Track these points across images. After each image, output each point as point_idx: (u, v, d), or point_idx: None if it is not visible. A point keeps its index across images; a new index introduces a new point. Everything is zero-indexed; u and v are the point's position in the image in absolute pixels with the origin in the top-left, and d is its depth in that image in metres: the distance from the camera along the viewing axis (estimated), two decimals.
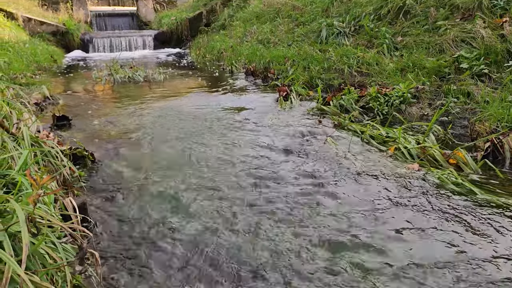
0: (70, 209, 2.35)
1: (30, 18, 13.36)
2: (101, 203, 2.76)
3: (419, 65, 5.27)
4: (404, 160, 3.35)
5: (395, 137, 3.70)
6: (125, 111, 5.24)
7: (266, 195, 2.77)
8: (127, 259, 2.10)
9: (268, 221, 2.43)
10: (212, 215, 2.51)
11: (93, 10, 18.07)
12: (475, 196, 2.65)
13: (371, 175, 3.04)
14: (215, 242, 2.21)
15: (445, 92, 4.55)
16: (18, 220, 1.38)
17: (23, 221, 1.37)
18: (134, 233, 2.34)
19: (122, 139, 4.07)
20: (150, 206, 2.66)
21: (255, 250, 2.14)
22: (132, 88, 7.25)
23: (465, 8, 5.73)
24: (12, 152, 2.47)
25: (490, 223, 2.32)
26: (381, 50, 6.19)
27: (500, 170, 3.04)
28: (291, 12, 10.10)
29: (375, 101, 4.68)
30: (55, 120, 4.51)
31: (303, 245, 2.17)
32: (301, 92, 5.77)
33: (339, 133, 4.04)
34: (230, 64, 9.08)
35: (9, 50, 8.97)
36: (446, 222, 2.35)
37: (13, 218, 1.61)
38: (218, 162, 3.38)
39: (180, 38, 15.07)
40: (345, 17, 7.74)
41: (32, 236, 1.49)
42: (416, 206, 2.56)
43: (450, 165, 3.20)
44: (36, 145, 2.95)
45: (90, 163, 3.42)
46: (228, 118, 4.74)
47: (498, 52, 4.71)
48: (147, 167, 3.34)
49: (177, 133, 4.20)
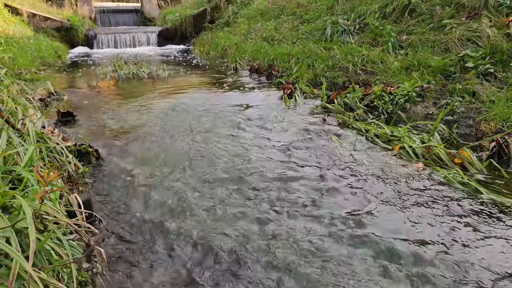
0: (75, 205, 2.35)
1: (34, 14, 13.37)
2: (105, 199, 2.76)
3: (424, 63, 5.24)
4: (409, 159, 3.34)
5: (399, 136, 3.69)
6: (129, 108, 5.24)
7: (269, 196, 2.77)
8: (132, 255, 2.10)
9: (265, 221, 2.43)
10: (215, 212, 2.52)
11: (97, 6, 18.06)
12: (481, 195, 2.64)
13: (375, 174, 3.04)
14: (219, 236, 2.22)
15: (450, 91, 4.53)
16: (25, 216, 1.39)
17: (30, 218, 1.37)
18: (139, 230, 2.35)
19: (126, 135, 4.07)
20: (154, 203, 2.66)
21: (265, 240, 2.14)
22: (136, 84, 7.25)
23: (471, 7, 5.69)
24: (18, 148, 2.48)
25: (497, 223, 2.32)
26: (386, 49, 6.16)
27: (505, 170, 3.03)
28: (295, 9, 10.07)
29: (380, 100, 4.66)
30: (59, 116, 4.52)
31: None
32: (305, 90, 5.76)
33: (344, 131, 4.03)
34: (234, 61, 9.07)
35: (14, 46, 8.98)
36: (454, 223, 2.34)
37: (19, 214, 1.61)
38: (221, 161, 3.38)
39: (184, 35, 15.06)
40: (350, 15, 7.71)
41: (38, 233, 1.49)
42: (422, 205, 2.55)
43: (455, 164, 3.19)
44: (41, 141, 2.96)
45: (95, 160, 3.43)
46: (233, 115, 4.73)
47: (504, 52, 4.68)
48: (151, 164, 3.34)
49: (181, 130, 4.19)
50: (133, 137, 4.01)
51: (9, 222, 1.49)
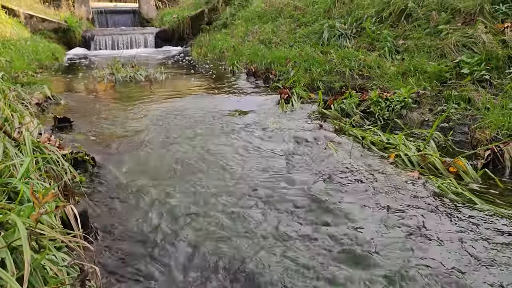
0: (71, 217, 2.35)
1: (31, 15, 13.35)
2: (101, 209, 2.77)
3: (420, 69, 5.27)
4: (405, 167, 3.36)
5: (395, 143, 3.71)
6: (126, 113, 5.25)
7: (264, 203, 2.78)
8: (127, 269, 2.11)
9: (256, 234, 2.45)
10: (210, 221, 2.53)
11: (94, 6, 18.06)
12: (475, 206, 2.66)
13: (371, 182, 3.05)
14: (213, 250, 2.23)
15: (446, 98, 4.56)
16: (20, 236, 1.40)
17: (25, 238, 1.38)
18: (135, 241, 2.36)
19: (123, 142, 4.08)
20: (151, 213, 2.67)
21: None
22: (134, 88, 7.25)
23: (467, 12, 5.72)
24: (14, 159, 2.49)
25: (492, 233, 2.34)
26: (383, 53, 6.18)
27: (500, 180, 3.05)
28: (293, 12, 10.09)
29: (376, 106, 4.68)
30: (56, 122, 4.53)
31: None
32: (302, 95, 5.78)
33: (340, 138, 4.05)
34: (231, 64, 9.08)
35: (11, 48, 8.97)
36: (441, 234, 2.36)
37: (14, 231, 1.62)
38: (220, 170, 3.39)
39: (182, 36, 15.07)
40: (347, 19, 7.72)
41: (34, 252, 1.50)
42: (415, 215, 2.57)
43: (450, 173, 3.21)
44: (38, 150, 2.96)
45: (91, 168, 3.43)
46: (230, 121, 4.74)
47: (499, 58, 4.70)
48: (147, 172, 3.35)
49: (178, 137, 4.20)
50: (130, 144, 4.01)
51: (4, 240, 1.50)
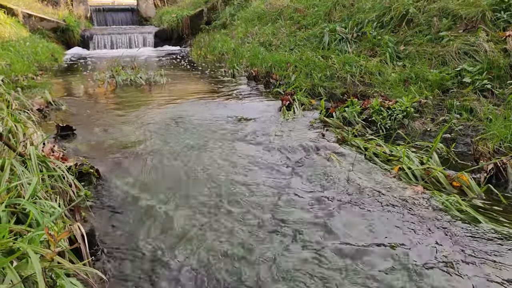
0: (79, 236, 2.36)
1: (30, 14, 13.29)
2: (107, 225, 2.78)
3: (421, 77, 5.28)
4: (408, 181, 3.38)
5: (399, 156, 3.72)
6: (128, 120, 5.25)
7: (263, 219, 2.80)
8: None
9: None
10: (220, 235, 2.54)
11: (93, 4, 17.97)
12: (479, 224, 2.69)
13: (375, 198, 3.07)
14: (221, 266, 2.24)
15: (448, 107, 4.57)
16: (34, 271, 1.41)
17: (39, 273, 1.39)
18: (141, 260, 2.37)
19: (126, 152, 4.08)
20: (157, 229, 2.68)
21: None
22: (134, 92, 7.24)
23: (468, 19, 5.73)
24: (21, 177, 2.49)
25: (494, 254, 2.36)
26: (384, 59, 6.19)
27: (502, 195, 3.07)
28: (293, 14, 10.07)
29: (378, 115, 4.69)
30: (59, 131, 4.52)
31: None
32: (303, 101, 5.78)
33: (343, 149, 4.06)
34: (231, 67, 9.07)
35: (10, 50, 8.94)
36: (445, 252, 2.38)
37: (27, 262, 1.63)
38: (225, 183, 3.40)
39: (181, 36, 15.04)
40: (348, 23, 7.72)
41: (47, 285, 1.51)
42: (419, 234, 2.59)
43: (454, 187, 3.23)
44: (43, 165, 2.96)
45: (95, 180, 3.44)
46: (231, 129, 4.75)
47: (501, 67, 4.72)
48: (152, 185, 3.36)
49: (180, 146, 4.20)
50: (133, 154, 4.01)
51: (17, 273, 1.51)
